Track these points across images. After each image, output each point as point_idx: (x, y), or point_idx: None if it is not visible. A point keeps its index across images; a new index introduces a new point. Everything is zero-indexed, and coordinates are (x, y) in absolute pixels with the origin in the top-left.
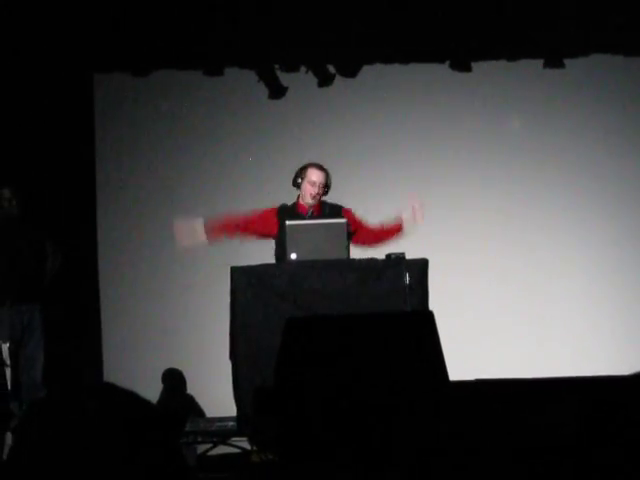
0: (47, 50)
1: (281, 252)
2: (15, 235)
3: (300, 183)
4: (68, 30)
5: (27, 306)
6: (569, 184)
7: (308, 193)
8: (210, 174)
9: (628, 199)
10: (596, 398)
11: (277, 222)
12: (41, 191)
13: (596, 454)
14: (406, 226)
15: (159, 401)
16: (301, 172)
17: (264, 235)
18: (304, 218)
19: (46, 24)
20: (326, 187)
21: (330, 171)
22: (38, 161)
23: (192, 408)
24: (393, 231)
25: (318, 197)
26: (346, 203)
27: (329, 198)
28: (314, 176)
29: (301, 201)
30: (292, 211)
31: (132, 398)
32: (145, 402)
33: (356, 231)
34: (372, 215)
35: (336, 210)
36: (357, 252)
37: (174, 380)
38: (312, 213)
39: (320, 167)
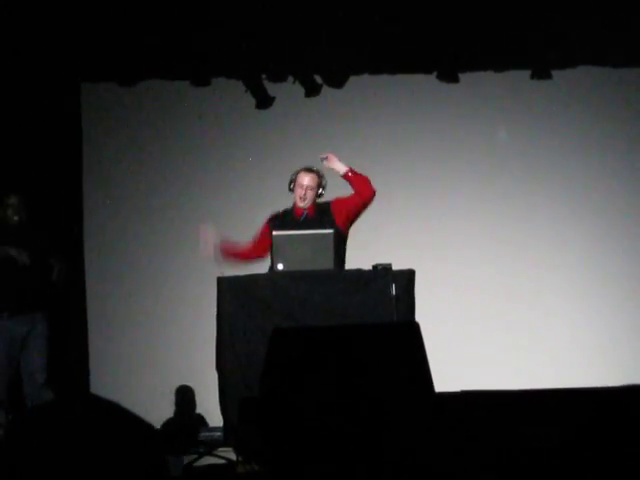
0: (34, 59)
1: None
2: (17, 244)
3: (293, 188)
4: (55, 39)
5: (27, 317)
6: (555, 194)
7: (298, 196)
8: (197, 183)
9: (614, 209)
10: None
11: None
12: (28, 200)
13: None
14: (333, 168)
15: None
16: (292, 178)
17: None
18: (297, 221)
19: (33, 33)
20: (320, 187)
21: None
22: (25, 170)
23: (201, 423)
24: (356, 190)
25: (308, 199)
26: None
27: None
28: (300, 179)
29: (296, 205)
30: (289, 215)
31: (116, 409)
32: (129, 413)
33: (351, 207)
34: (355, 226)
35: (325, 206)
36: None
37: (185, 396)
38: (307, 214)
39: (309, 170)
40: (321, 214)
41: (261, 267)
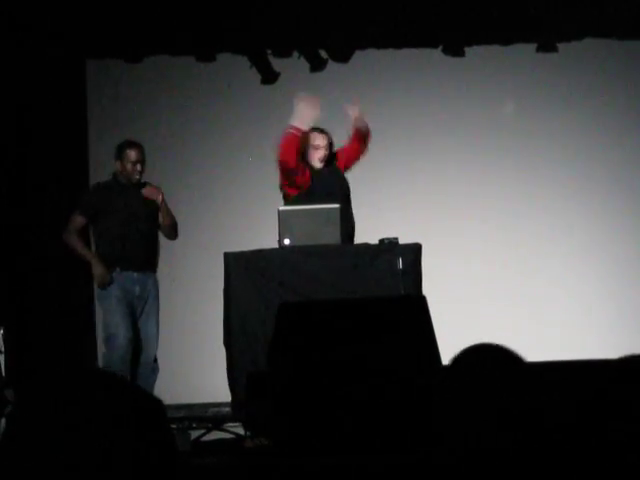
0: (39, 36)
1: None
2: (136, 201)
3: (306, 149)
4: (60, 16)
5: (140, 275)
6: (563, 168)
7: (316, 158)
8: (203, 159)
9: (622, 183)
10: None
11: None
12: (33, 178)
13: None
14: (358, 126)
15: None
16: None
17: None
18: (316, 174)
19: (38, 10)
20: (331, 144)
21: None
22: (30, 148)
23: None
24: (354, 139)
25: (325, 159)
26: None
27: None
28: (317, 140)
29: (314, 167)
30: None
31: (122, 384)
32: (136, 387)
33: (346, 153)
34: (361, 200)
35: (333, 157)
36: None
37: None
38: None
39: (320, 130)
40: (330, 165)
41: (268, 242)
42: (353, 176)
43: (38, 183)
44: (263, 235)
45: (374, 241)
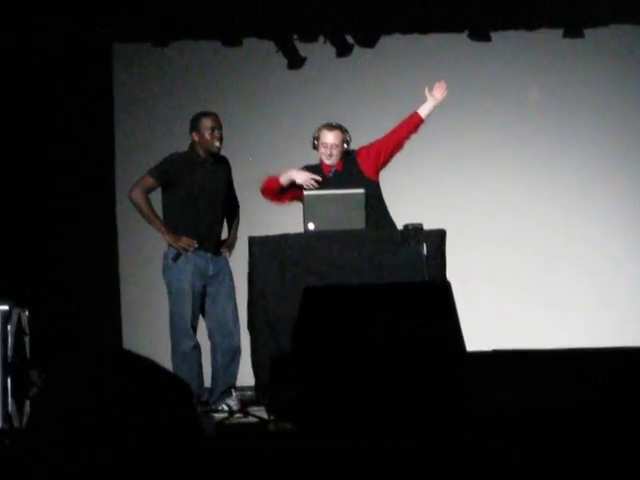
0: (66, 20)
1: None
2: (212, 172)
3: (317, 146)
4: (88, 0)
5: (213, 255)
6: (588, 154)
7: (323, 156)
8: (229, 144)
9: None
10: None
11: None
12: (59, 162)
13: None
14: (432, 102)
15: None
16: (315, 135)
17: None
18: (327, 177)
19: None
20: (344, 143)
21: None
22: (57, 132)
23: None
24: (409, 123)
25: (335, 157)
26: None
27: None
28: (324, 138)
29: (324, 162)
30: (318, 172)
31: (150, 365)
32: (162, 369)
33: (380, 152)
34: (385, 186)
35: (351, 158)
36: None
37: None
38: (335, 170)
39: (330, 127)
40: (349, 167)
41: (293, 227)
42: None
43: (64, 167)
44: (288, 220)
45: (398, 227)
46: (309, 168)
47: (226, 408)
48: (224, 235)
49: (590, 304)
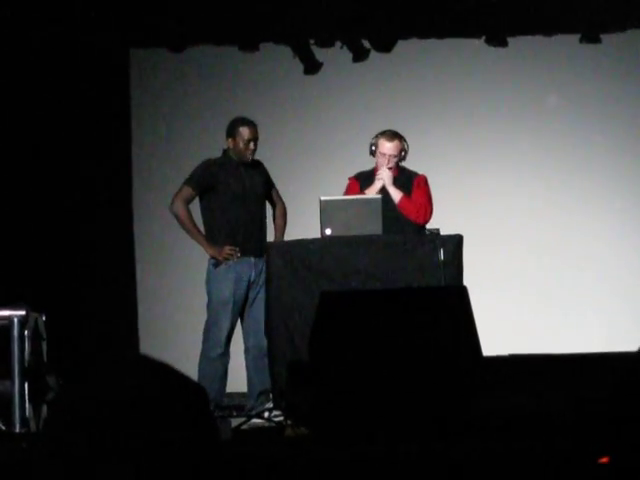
0: (83, 25)
1: None
2: (249, 181)
3: (374, 151)
4: (105, 5)
5: (256, 259)
6: (607, 160)
7: (380, 164)
8: None
9: None
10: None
11: (360, 189)
12: (76, 167)
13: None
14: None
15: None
16: (373, 142)
17: None
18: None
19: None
20: (403, 152)
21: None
22: (74, 137)
23: None
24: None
25: (392, 166)
26: None
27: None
28: (383, 148)
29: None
30: (371, 177)
31: (167, 370)
32: (180, 374)
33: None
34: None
35: (409, 175)
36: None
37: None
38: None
39: (390, 137)
40: (404, 179)
41: (310, 232)
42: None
43: (81, 172)
44: (305, 225)
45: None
46: (363, 174)
47: (265, 415)
48: (270, 237)
49: (609, 309)
